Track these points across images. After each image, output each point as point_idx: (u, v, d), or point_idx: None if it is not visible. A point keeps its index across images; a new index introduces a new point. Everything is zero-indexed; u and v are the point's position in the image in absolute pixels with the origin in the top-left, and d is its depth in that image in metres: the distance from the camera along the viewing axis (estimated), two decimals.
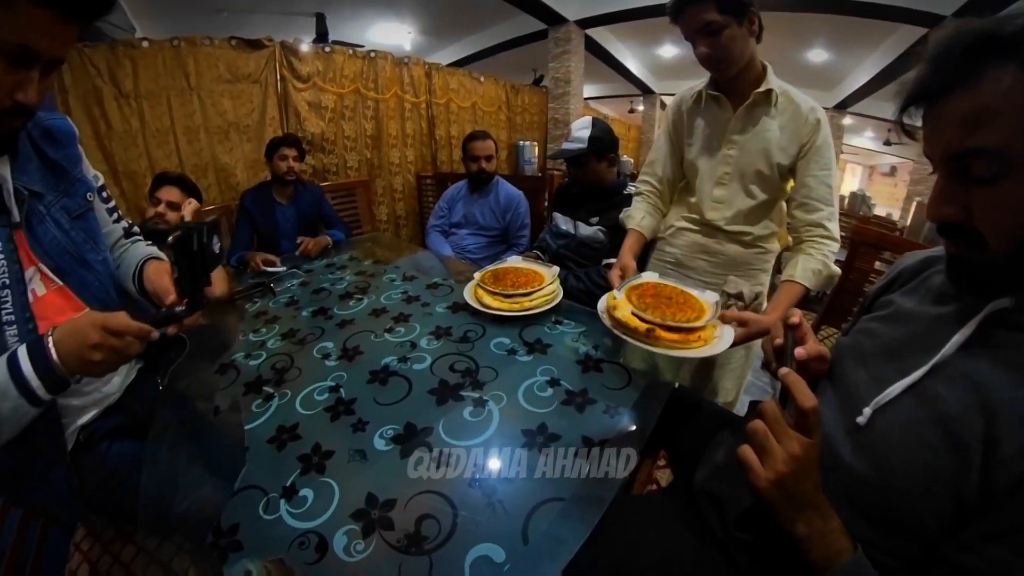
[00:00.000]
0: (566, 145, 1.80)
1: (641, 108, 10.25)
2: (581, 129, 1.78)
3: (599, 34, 6.30)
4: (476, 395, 0.90)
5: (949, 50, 0.45)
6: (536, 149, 5.54)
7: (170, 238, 0.72)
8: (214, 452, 0.87)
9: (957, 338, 0.52)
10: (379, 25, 5.83)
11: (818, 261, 1.17)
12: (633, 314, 0.99)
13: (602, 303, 1.09)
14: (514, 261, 1.45)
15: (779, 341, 0.66)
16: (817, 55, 6.57)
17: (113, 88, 2.53)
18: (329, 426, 0.85)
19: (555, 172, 4.31)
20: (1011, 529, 0.44)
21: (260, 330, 1.25)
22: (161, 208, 1.73)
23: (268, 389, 0.97)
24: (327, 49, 3.36)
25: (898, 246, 2.17)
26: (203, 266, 0.76)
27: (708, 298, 1.07)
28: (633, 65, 8.04)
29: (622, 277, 1.23)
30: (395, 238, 3.64)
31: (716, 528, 0.71)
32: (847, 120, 9.10)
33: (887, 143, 10.34)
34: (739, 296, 1.31)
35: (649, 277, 1.19)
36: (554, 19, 5.53)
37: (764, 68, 1.20)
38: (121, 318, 0.67)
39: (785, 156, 1.19)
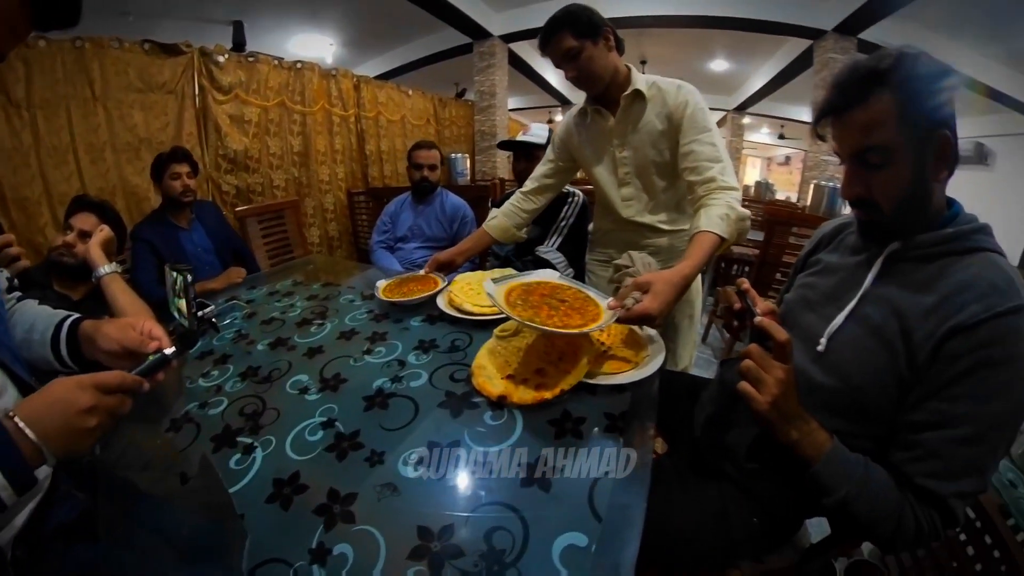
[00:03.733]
0: (527, 136, 2.00)
1: (559, 119, 10.63)
2: (541, 128, 2.03)
3: (522, 48, 6.47)
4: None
5: (849, 79, 0.66)
6: (468, 161, 5.53)
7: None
8: (198, 532, 0.71)
9: (871, 274, 0.74)
10: (300, 36, 5.57)
11: (722, 207, 1.08)
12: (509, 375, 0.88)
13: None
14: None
15: (738, 305, 0.80)
16: (719, 65, 7.30)
17: (1, 96, 2.16)
18: (338, 467, 0.74)
19: (493, 182, 4.34)
20: (939, 386, 0.62)
21: (211, 373, 1.07)
22: (71, 237, 1.44)
23: (244, 439, 0.83)
24: (250, 58, 3.14)
25: (805, 221, 2.77)
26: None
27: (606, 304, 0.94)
28: (553, 78, 8.34)
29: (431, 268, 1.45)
30: (334, 259, 3.45)
31: (728, 468, 0.87)
32: (747, 120, 10.28)
33: (781, 137, 11.70)
34: (627, 267, 1.15)
35: (548, 276, 1.11)
36: (479, 34, 5.60)
37: (629, 71, 1.28)
38: (114, 373, 0.57)
39: (668, 139, 1.27)
